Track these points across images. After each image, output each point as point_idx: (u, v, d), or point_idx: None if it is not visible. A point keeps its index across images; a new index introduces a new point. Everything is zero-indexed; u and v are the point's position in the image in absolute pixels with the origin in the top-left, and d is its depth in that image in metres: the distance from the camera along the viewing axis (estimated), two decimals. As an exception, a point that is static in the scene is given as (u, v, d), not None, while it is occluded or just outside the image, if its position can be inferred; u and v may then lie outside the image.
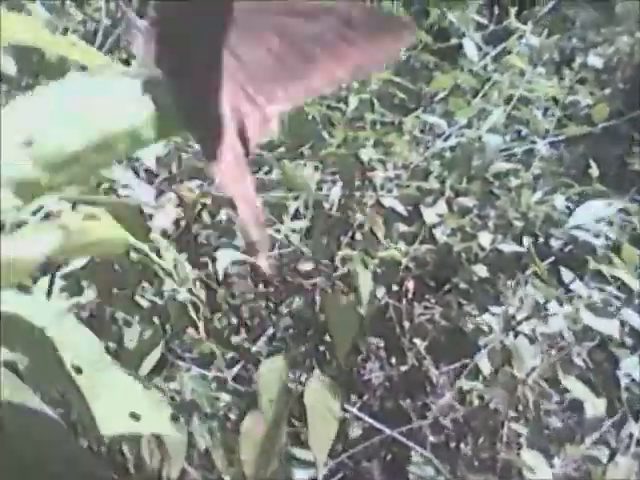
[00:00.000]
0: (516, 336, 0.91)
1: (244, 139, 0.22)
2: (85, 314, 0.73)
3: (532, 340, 0.90)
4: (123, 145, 0.19)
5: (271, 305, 1.07)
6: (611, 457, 0.87)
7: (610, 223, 1.02)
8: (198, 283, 0.94)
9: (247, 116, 0.22)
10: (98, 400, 0.30)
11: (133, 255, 0.77)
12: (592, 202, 1.01)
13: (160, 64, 0.22)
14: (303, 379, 0.95)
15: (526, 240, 1.01)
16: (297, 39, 0.23)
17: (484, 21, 1.15)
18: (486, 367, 0.89)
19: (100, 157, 0.19)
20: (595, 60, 1.83)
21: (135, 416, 0.31)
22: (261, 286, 1.07)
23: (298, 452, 0.86)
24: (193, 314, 0.59)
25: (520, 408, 0.90)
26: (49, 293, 0.64)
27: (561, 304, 0.91)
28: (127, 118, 0.19)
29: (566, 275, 0.91)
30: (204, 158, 0.22)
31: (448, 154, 1.04)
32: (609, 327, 0.87)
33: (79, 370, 0.26)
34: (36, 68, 0.73)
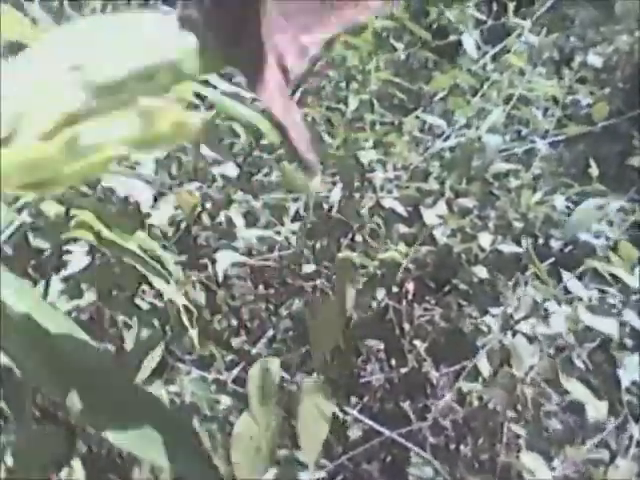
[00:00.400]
0: (514, 335, 0.91)
1: (283, 69, 0.23)
2: (85, 317, 0.73)
3: (531, 339, 0.90)
4: (165, 77, 0.20)
5: (271, 307, 1.07)
6: (611, 459, 0.87)
7: (610, 223, 1.02)
8: (198, 285, 0.94)
9: (283, 47, 0.23)
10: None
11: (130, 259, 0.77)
12: (591, 200, 1.01)
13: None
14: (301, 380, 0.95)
15: (525, 241, 1.01)
16: None
17: (483, 17, 1.14)
18: (485, 368, 0.89)
19: (143, 86, 0.19)
20: (595, 59, 1.83)
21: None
22: (261, 288, 1.07)
23: (296, 454, 0.86)
24: (185, 319, 0.59)
25: (520, 409, 0.90)
26: (45, 296, 0.64)
27: (560, 304, 0.91)
28: (168, 52, 0.20)
29: (566, 276, 0.91)
30: (249, 88, 0.22)
31: (448, 154, 1.04)
32: (608, 327, 0.87)
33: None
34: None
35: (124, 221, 0.47)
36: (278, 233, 1.01)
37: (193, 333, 0.58)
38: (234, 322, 1.06)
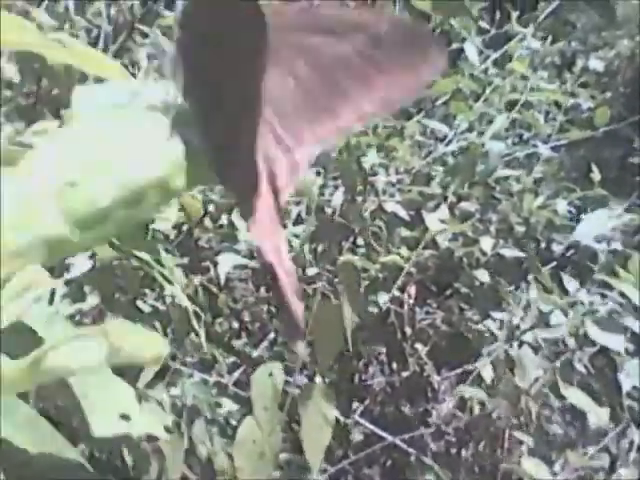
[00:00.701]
0: (520, 346, 0.90)
1: (275, 189, 0.21)
2: (88, 320, 0.73)
3: (535, 349, 0.90)
4: (153, 198, 0.18)
5: (272, 309, 1.07)
6: (612, 464, 0.87)
7: (612, 229, 1.02)
8: (200, 288, 0.94)
9: (276, 162, 0.21)
10: (90, 402, 0.30)
11: (134, 262, 0.77)
12: (597, 212, 1.01)
13: (188, 98, 0.20)
14: (303, 383, 0.95)
15: (528, 245, 1.01)
16: (323, 62, 0.21)
17: (486, 26, 1.14)
18: (488, 375, 0.89)
19: (130, 213, 0.18)
20: (596, 63, 1.83)
21: (126, 417, 0.31)
22: (262, 290, 1.07)
23: (299, 459, 0.86)
24: (194, 322, 0.59)
25: (522, 416, 0.90)
26: (52, 300, 0.64)
27: (565, 314, 0.91)
28: (156, 166, 0.18)
29: (568, 281, 0.91)
30: (240, 214, 0.21)
31: (450, 159, 1.04)
32: (614, 342, 0.86)
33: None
34: (39, 73, 0.73)
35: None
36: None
37: (201, 335, 0.58)
38: (235, 325, 1.06)
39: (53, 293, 0.66)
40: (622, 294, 0.92)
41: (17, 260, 0.17)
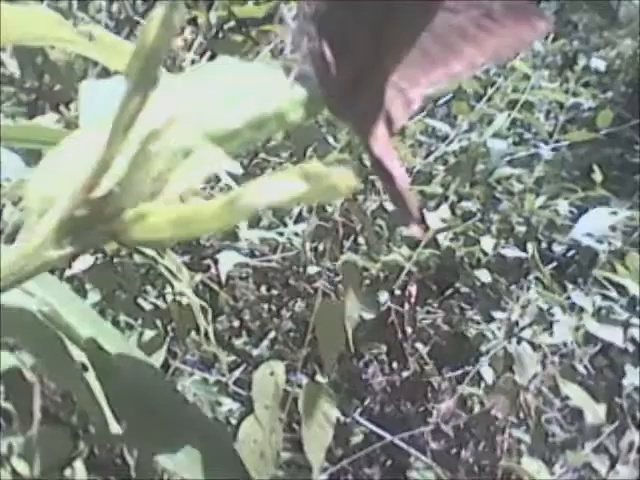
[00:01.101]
0: (519, 342, 0.91)
1: (388, 120, 0.24)
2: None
3: (534, 346, 0.90)
4: (272, 125, 0.21)
5: (273, 308, 1.07)
6: (612, 465, 0.87)
7: (613, 229, 1.02)
8: (201, 286, 0.94)
9: (391, 100, 0.24)
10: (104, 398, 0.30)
11: (136, 258, 0.77)
12: (596, 210, 1.01)
13: (317, 58, 0.23)
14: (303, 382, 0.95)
15: (530, 245, 1.01)
16: (441, 32, 0.24)
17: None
18: (488, 374, 0.89)
19: (254, 134, 0.21)
20: (598, 63, 1.83)
21: None
22: (263, 289, 1.07)
23: (299, 458, 0.86)
24: (201, 319, 0.59)
25: (521, 415, 0.90)
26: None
27: (564, 310, 0.91)
28: (276, 102, 0.22)
29: (570, 284, 0.91)
30: (360, 138, 0.23)
31: (451, 158, 1.04)
32: (613, 335, 0.87)
33: (85, 368, 0.26)
34: (40, 69, 0.73)
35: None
36: (281, 234, 1.01)
37: (209, 331, 0.59)
38: (236, 323, 1.06)
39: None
40: (620, 292, 0.92)
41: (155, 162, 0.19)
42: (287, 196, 0.17)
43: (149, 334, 0.73)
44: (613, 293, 0.93)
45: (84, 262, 0.71)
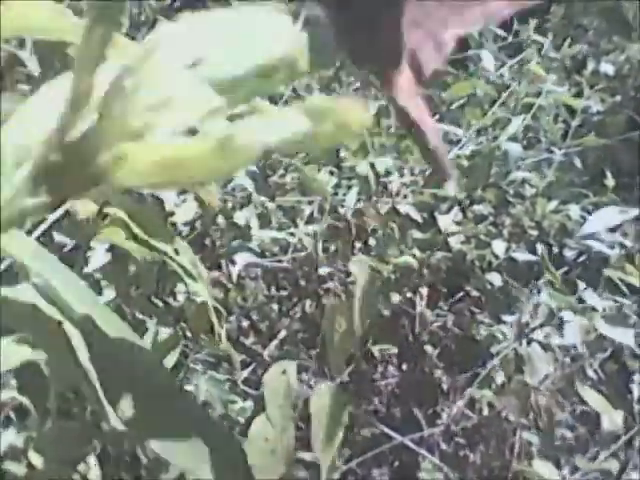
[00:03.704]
0: (529, 343, 0.91)
1: (417, 65, 0.22)
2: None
3: (545, 348, 0.90)
4: (281, 74, 0.19)
5: (283, 308, 1.07)
6: (622, 470, 0.87)
7: (625, 234, 1.02)
8: (211, 285, 0.94)
9: (419, 43, 0.22)
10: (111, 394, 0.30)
11: (149, 256, 0.77)
12: (605, 209, 1.01)
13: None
14: (313, 383, 0.95)
15: (540, 248, 1.01)
16: None
17: (503, 33, 1.15)
18: (499, 375, 0.89)
19: (260, 83, 0.19)
20: (607, 67, 1.83)
21: None
22: (273, 289, 1.07)
23: (308, 456, 0.86)
24: (215, 318, 0.59)
25: (532, 417, 0.90)
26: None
27: (575, 313, 0.91)
28: (284, 49, 0.20)
29: (581, 286, 0.91)
30: (380, 87, 0.21)
31: (464, 162, 1.04)
32: (624, 336, 0.87)
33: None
34: (59, 66, 0.73)
35: (154, 220, 0.48)
36: (292, 235, 1.01)
37: (221, 332, 0.59)
38: (245, 323, 1.06)
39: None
40: (631, 293, 0.92)
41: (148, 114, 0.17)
42: (289, 135, 0.15)
43: (164, 332, 0.73)
44: (624, 297, 0.93)
45: (100, 259, 0.72)
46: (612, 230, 1.00)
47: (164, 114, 0.17)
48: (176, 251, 0.57)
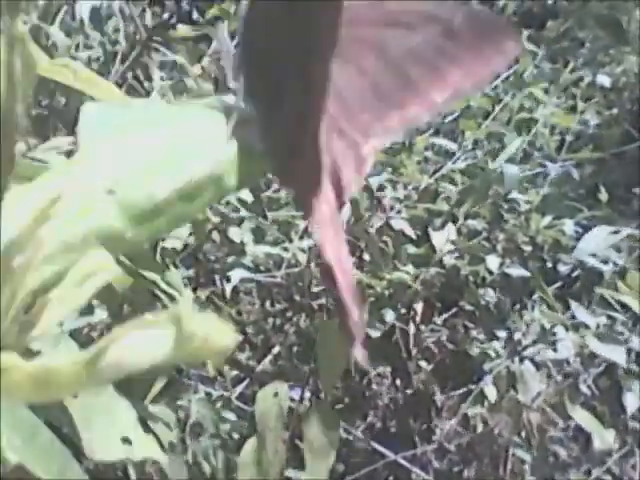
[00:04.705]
0: (521, 361, 0.91)
1: (339, 187, 0.20)
2: (95, 334, 0.73)
3: (538, 366, 0.90)
4: (207, 194, 0.18)
5: (277, 323, 1.07)
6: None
7: (618, 249, 1.02)
8: (205, 302, 0.94)
9: (340, 158, 0.20)
10: (90, 424, 0.29)
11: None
12: (600, 228, 1.01)
13: (250, 96, 0.19)
14: (307, 399, 0.95)
15: (531, 265, 1.01)
16: (394, 56, 0.20)
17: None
18: (492, 393, 0.89)
19: (185, 207, 0.18)
20: (603, 79, 1.83)
21: (127, 441, 0.31)
22: (267, 304, 1.07)
23: (300, 476, 0.86)
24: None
25: (525, 435, 0.90)
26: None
27: (567, 329, 0.91)
28: (210, 163, 0.18)
29: (574, 304, 0.91)
30: (300, 210, 0.20)
31: (458, 176, 1.04)
32: (615, 354, 0.87)
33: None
34: (52, 88, 0.73)
35: (142, 250, 0.47)
36: (286, 250, 1.01)
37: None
38: (240, 338, 1.06)
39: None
40: (626, 312, 0.92)
41: (70, 254, 0.16)
42: (154, 356, 0.14)
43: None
44: (617, 313, 0.93)
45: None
46: (606, 248, 1.00)
47: (58, 297, 0.16)
48: (166, 282, 0.57)
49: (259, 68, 0.19)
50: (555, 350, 0.90)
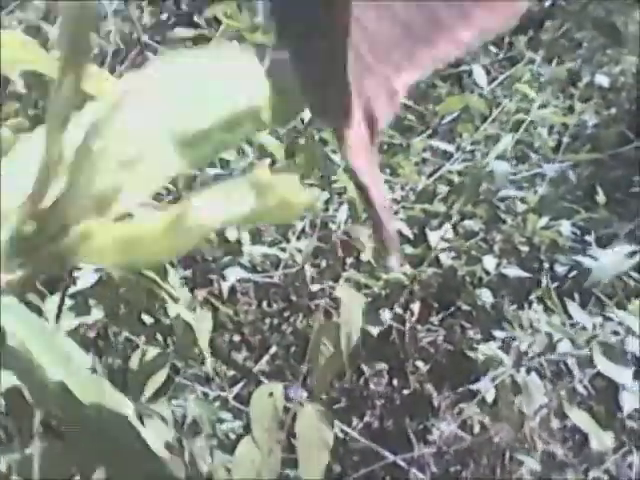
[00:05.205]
0: (528, 372, 0.90)
1: (371, 119, 0.21)
2: (92, 334, 0.73)
3: (541, 374, 0.89)
4: (246, 126, 0.19)
5: (274, 324, 1.07)
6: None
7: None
8: (202, 302, 0.94)
9: (372, 92, 0.21)
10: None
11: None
12: (619, 248, 1.00)
13: (281, 36, 0.20)
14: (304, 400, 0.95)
15: (535, 266, 1.01)
16: (424, 2, 0.21)
17: (494, 49, 1.15)
18: (491, 397, 0.89)
19: (226, 136, 0.19)
20: (601, 79, 1.83)
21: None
22: (264, 304, 1.07)
23: (295, 475, 0.86)
24: (201, 337, 0.59)
25: (522, 437, 0.90)
26: (59, 313, 0.64)
27: (572, 340, 0.91)
28: (248, 97, 0.19)
29: (571, 307, 0.91)
30: (337, 140, 0.20)
31: (455, 177, 1.04)
32: (621, 375, 0.86)
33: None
34: (47, 86, 0.73)
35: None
36: (283, 250, 1.01)
37: (206, 350, 0.58)
38: (236, 338, 1.06)
39: (60, 306, 0.66)
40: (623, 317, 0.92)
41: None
42: (236, 214, 0.15)
43: (152, 352, 0.73)
44: (614, 315, 0.93)
45: (88, 278, 0.72)
46: (604, 247, 1.01)
47: (130, 177, 0.17)
48: (165, 279, 0.57)
49: (289, 8, 0.20)
50: (553, 351, 0.90)
